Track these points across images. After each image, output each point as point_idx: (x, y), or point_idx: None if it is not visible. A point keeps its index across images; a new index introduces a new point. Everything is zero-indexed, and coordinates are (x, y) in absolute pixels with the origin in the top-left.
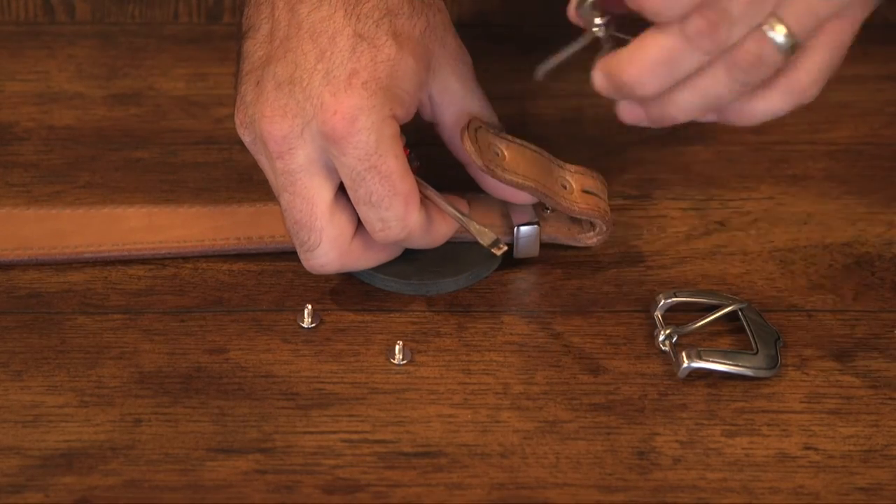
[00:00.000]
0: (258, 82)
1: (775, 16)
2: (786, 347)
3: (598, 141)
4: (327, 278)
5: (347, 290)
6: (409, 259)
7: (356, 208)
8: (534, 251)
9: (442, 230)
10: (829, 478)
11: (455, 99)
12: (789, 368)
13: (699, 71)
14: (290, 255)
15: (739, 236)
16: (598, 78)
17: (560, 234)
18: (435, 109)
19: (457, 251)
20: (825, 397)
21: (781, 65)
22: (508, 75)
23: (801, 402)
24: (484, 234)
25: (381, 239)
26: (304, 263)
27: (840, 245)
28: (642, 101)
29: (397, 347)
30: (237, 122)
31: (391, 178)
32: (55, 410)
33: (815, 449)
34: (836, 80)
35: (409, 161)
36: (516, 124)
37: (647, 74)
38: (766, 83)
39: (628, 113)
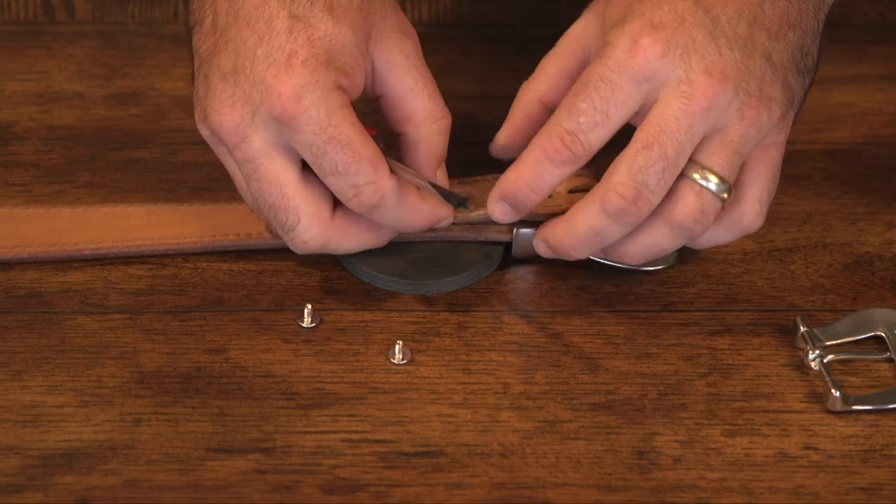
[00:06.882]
0: (206, 76)
1: (704, 167)
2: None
3: None
4: (327, 277)
5: (347, 289)
6: (410, 259)
7: (325, 182)
8: (531, 252)
9: (418, 205)
10: (829, 478)
11: (398, 72)
12: (789, 368)
13: (642, 228)
14: (290, 254)
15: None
16: (541, 246)
17: None
18: (376, 82)
19: (457, 251)
20: (825, 397)
21: (721, 208)
22: (508, 75)
23: (801, 402)
24: (450, 196)
25: (356, 206)
26: (289, 245)
27: (840, 245)
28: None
29: (397, 347)
30: (195, 118)
31: (353, 145)
32: (55, 410)
33: (815, 449)
34: (836, 80)
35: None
36: None
37: (580, 246)
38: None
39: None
